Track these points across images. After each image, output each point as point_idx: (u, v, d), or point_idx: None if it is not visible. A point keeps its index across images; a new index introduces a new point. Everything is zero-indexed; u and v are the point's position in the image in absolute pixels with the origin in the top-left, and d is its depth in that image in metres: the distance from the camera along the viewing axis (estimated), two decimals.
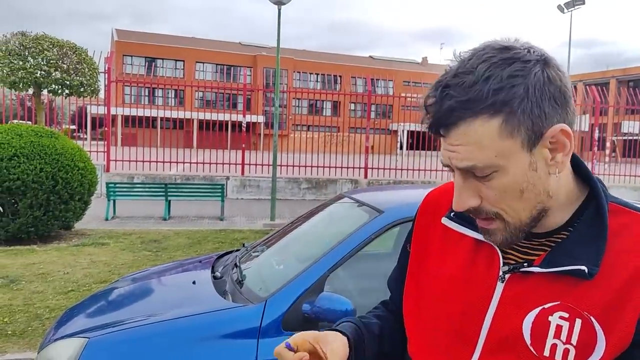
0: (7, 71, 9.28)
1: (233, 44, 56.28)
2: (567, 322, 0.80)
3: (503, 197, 0.81)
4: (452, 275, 0.94)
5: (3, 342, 4.13)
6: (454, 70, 0.79)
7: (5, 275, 5.71)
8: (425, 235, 1.03)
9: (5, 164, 6.81)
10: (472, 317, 0.89)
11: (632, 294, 0.78)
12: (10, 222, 7.03)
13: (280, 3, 9.63)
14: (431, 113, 0.79)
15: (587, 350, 0.78)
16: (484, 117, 0.76)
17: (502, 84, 0.75)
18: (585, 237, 0.83)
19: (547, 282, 0.83)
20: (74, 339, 2.40)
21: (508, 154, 0.78)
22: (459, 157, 0.80)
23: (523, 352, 0.82)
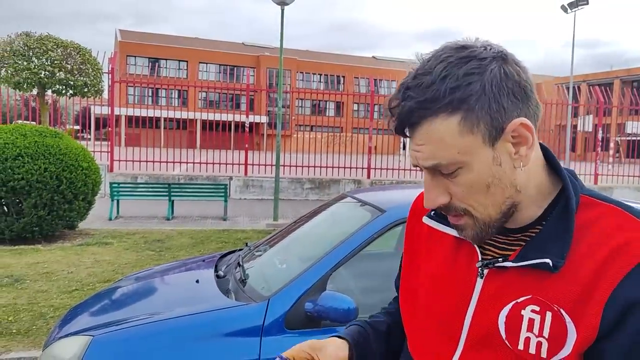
0: (11, 71, 9.31)
1: (236, 45, 56.36)
2: (539, 315, 0.81)
3: (470, 192, 0.82)
4: (436, 274, 0.96)
5: (8, 340, 4.16)
6: (414, 72, 0.80)
7: (10, 275, 5.75)
8: (413, 236, 1.06)
9: (9, 163, 6.85)
10: (455, 314, 0.90)
11: (597, 286, 0.77)
12: (15, 222, 7.07)
13: (284, 3, 9.65)
14: (395, 115, 0.81)
15: (559, 343, 0.79)
16: (443, 116, 0.78)
17: (458, 82, 0.76)
18: (555, 231, 0.83)
19: (520, 277, 0.84)
20: (79, 337, 2.42)
21: (470, 150, 0.79)
22: (424, 157, 0.81)
23: (500, 346, 0.84)
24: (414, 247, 1.06)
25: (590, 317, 0.77)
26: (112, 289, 3.24)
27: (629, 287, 0.75)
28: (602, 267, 0.78)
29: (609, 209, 0.84)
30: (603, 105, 14.52)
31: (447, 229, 0.95)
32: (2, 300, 4.98)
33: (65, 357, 2.35)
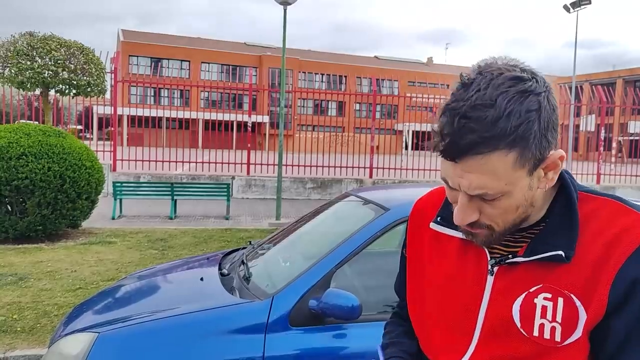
0: (15, 71, 9.33)
1: (239, 44, 56.39)
2: (551, 302, 0.87)
3: (503, 214, 0.87)
4: (446, 275, 1.01)
5: (12, 338, 4.18)
6: (470, 98, 0.80)
7: (14, 273, 5.77)
8: (418, 242, 1.11)
9: (13, 162, 6.88)
10: (468, 311, 0.96)
11: (603, 269, 0.85)
12: (19, 221, 7.09)
13: (286, 3, 9.66)
14: (448, 141, 0.81)
15: (571, 326, 0.86)
16: (503, 151, 0.80)
17: (521, 120, 0.79)
18: (560, 226, 0.90)
19: (530, 270, 0.90)
20: (85, 334, 2.44)
21: (516, 181, 0.84)
22: (472, 186, 0.84)
23: (515, 335, 0.89)
24: (420, 252, 1.10)
25: (598, 298, 0.84)
26: (116, 287, 3.26)
27: (632, 267, 0.83)
28: (606, 252, 0.86)
29: (605, 201, 0.92)
30: (605, 105, 14.50)
31: (453, 232, 1.00)
32: (6, 298, 5.01)
33: (72, 354, 2.37)
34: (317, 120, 19.44)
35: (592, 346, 0.88)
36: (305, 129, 20.67)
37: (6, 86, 10.49)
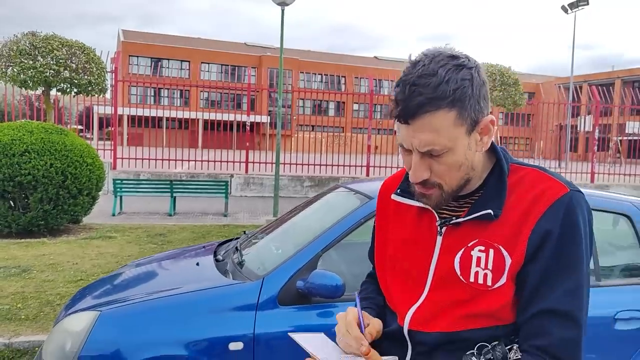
0: (17, 70, 9.51)
1: (238, 45, 56.56)
2: (484, 253, 1.07)
3: (448, 170, 1.05)
4: (405, 238, 1.21)
5: (16, 325, 4.36)
6: (418, 72, 1.00)
7: (18, 265, 5.95)
8: (384, 213, 1.30)
9: (17, 159, 7.05)
10: (422, 265, 1.15)
11: (524, 224, 1.05)
12: (22, 216, 7.26)
13: (284, 4, 9.83)
14: (401, 106, 1.00)
15: (499, 271, 1.06)
16: (444, 110, 0.99)
17: (457, 85, 0.99)
18: (493, 191, 1.10)
19: (470, 228, 1.09)
20: (87, 312, 2.61)
21: (457, 138, 1.02)
22: (422, 143, 1.02)
23: (456, 282, 1.09)
24: (384, 221, 1.29)
25: (519, 247, 1.04)
26: (117, 274, 3.43)
27: (545, 220, 1.03)
28: (527, 210, 1.05)
29: (530, 170, 1.12)
30: (600, 105, 14.66)
31: (411, 202, 1.18)
32: (10, 288, 5.18)
33: (76, 330, 2.54)
34: (316, 120, 19.57)
35: (517, 288, 1.06)
36: (305, 129, 20.83)
37: (8, 85, 10.66)
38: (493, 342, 1.07)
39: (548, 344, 1.03)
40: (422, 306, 1.14)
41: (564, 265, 1.03)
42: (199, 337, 2.49)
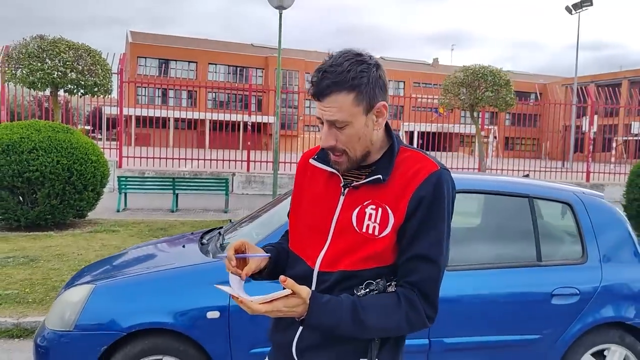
0: (26, 72, 9.94)
1: (245, 46, 57.01)
2: (375, 211, 1.42)
3: (349, 140, 1.40)
4: (315, 195, 1.54)
5: (24, 308, 4.75)
6: (329, 63, 1.37)
7: (26, 255, 6.35)
8: (302, 177, 1.62)
9: (25, 156, 7.45)
10: (326, 218, 1.48)
11: (406, 191, 1.40)
12: (30, 210, 7.67)
13: (281, 7, 10.19)
14: (315, 87, 1.36)
15: (384, 225, 1.41)
16: (345, 92, 1.34)
17: (355, 75, 1.35)
18: (384, 163, 1.45)
19: (365, 191, 1.44)
20: (84, 286, 2.98)
21: (355, 116, 1.37)
22: (329, 114, 1.37)
23: (352, 232, 1.43)
24: (301, 184, 1.62)
25: (401, 208, 1.40)
26: (113, 256, 3.81)
27: (421, 189, 1.39)
28: (408, 181, 1.41)
29: (413, 152, 1.49)
30: (594, 105, 14.87)
31: (325, 167, 1.51)
32: (19, 275, 5.58)
33: (74, 301, 2.91)
34: None
35: (397, 238, 1.40)
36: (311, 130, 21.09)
37: (18, 86, 11.11)
38: (377, 279, 1.41)
39: (416, 280, 1.39)
40: (328, 251, 1.45)
41: (431, 223, 1.39)
42: (182, 307, 2.85)
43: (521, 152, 24.71)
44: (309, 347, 1.46)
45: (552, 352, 3.09)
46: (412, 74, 53.45)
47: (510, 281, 3.12)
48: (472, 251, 3.36)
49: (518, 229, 3.36)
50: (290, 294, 1.31)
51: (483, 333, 3.04)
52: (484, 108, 13.52)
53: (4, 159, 7.35)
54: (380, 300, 1.38)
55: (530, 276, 3.14)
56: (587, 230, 3.23)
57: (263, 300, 1.30)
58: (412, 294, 1.38)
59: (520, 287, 3.11)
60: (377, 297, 1.39)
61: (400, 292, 1.39)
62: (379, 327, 1.37)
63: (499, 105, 12.53)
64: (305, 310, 1.33)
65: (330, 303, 1.35)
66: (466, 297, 3.05)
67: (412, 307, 1.37)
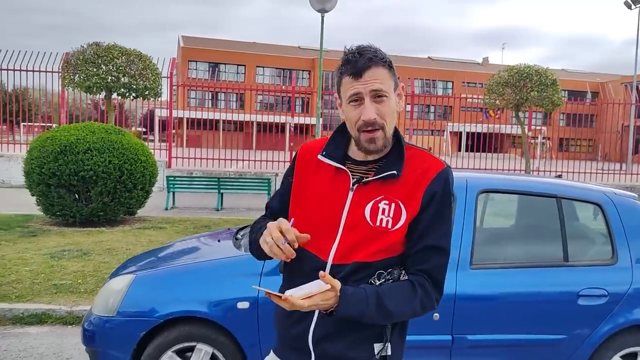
0: (83, 77, 10.58)
1: (292, 48, 57.63)
2: (388, 206, 1.50)
3: (388, 113, 1.48)
4: (323, 192, 1.57)
5: (77, 297, 5.09)
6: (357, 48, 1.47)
7: (79, 249, 6.77)
8: (304, 171, 1.63)
9: (80, 156, 7.92)
10: (335, 214, 1.53)
11: (418, 187, 1.50)
12: (84, 207, 8.15)
13: (323, 10, 10.35)
14: (353, 64, 1.45)
15: (397, 219, 1.50)
16: (382, 66, 1.46)
17: (384, 55, 1.48)
18: (395, 159, 1.53)
19: (376, 186, 1.52)
20: (126, 275, 3.22)
21: (390, 90, 1.48)
22: (372, 84, 1.44)
23: (365, 226, 1.50)
24: (305, 178, 1.62)
25: (415, 202, 1.49)
26: (155, 249, 4.05)
27: (433, 185, 1.50)
28: (420, 177, 1.51)
29: (418, 150, 1.59)
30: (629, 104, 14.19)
31: (332, 162, 1.55)
32: (73, 267, 5.97)
33: (117, 289, 3.15)
34: None
35: (409, 230, 1.49)
36: None
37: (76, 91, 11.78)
38: (388, 269, 1.50)
39: (428, 268, 1.50)
40: (340, 245, 1.50)
41: (441, 217, 1.51)
42: (214, 297, 3.03)
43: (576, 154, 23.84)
44: (325, 335, 1.51)
45: (578, 353, 3.08)
46: (460, 74, 52.50)
47: (536, 280, 3.13)
48: (498, 250, 3.39)
49: (545, 228, 3.36)
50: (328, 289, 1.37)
51: (507, 331, 3.06)
52: (530, 108, 13.20)
53: (62, 159, 7.84)
54: (399, 288, 1.48)
55: (556, 276, 3.14)
56: (617, 231, 3.19)
57: (306, 295, 1.36)
58: (424, 281, 1.50)
59: (546, 287, 3.11)
60: (396, 286, 1.48)
61: (415, 280, 1.49)
62: (399, 313, 1.48)
63: (545, 106, 12.20)
64: (336, 302, 1.39)
65: (357, 293, 1.42)
66: (491, 295, 3.09)
67: (426, 293, 1.49)
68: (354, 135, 1.52)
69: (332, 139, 1.61)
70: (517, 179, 3.67)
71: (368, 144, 1.49)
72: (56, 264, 6.09)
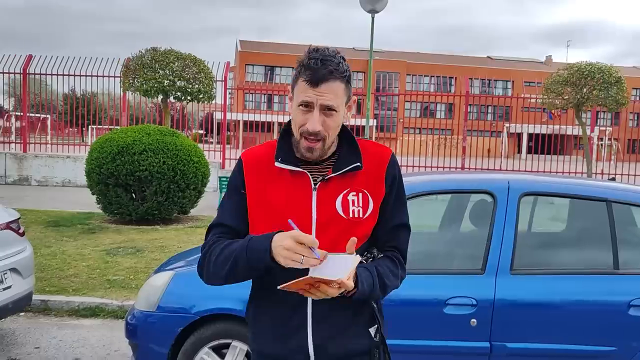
0: (141, 81, 11.06)
1: (347, 50, 57.69)
2: (356, 197, 1.54)
3: (332, 127, 1.51)
4: (286, 195, 1.54)
5: (128, 292, 5.31)
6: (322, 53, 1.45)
7: (134, 246, 7.05)
8: (258, 180, 1.57)
9: (137, 157, 8.25)
10: (304, 215, 1.51)
11: (378, 173, 1.57)
12: (140, 206, 8.48)
13: (374, 11, 10.30)
14: (314, 73, 1.43)
15: (365, 207, 1.54)
16: (339, 81, 1.46)
17: (346, 68, 1.50)
18: (350, 152, 1.57)
19: (338, 180, 1.54)
20: (166, 272, 3.32)
21: (340, 105, 1.49)
22: (326, 99, 1.45)
23: (339, 219, 1.53)
24: (258, 185, 1.56)
25: (380, 188, 1.57)
26: (196, 247, 4.15)
27: (390, 170, 1.59)
28: (376, 164, 1.58)
29: (362, 141, 1.62)
30: None
31: (289, 166, 1.53)
32: (126, 264, 6.23)
33: (157, 285, 3.25)
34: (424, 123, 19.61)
35: (380, 216, 1.56)
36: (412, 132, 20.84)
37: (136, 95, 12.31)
38: (365, 252, 1.55)
39: (398, 244, 1.63)
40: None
41: (402, 196, 1.63)
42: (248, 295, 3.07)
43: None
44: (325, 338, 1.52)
45: None
46: (521, 73, 50.77)
47: (583, 288, 2.97)
48: (542, 255, 3.24)
49: (594, 234, 3.19)
50: None
51: (550, 340, 2.92)
52: (592, 108, 12.56)
53: (119, 160, 8.20)
54: (386, 265, 1.56)
55: (605, 284, 2.97)
56: None
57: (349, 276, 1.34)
58: (397, 255, 1.62)
59: (593, 296, 2.95)
60: (383, 264, 1.55)
61: (392, 256, 1.60)
62: (391, 287, 1.57)
63: (609, 105, 11.56)
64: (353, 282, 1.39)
65: (365, 273, 1.46)
66: (533, 302, 2.96)
67: (402, 267, 1.62)
68: (296, 136, 1.53)
69: (281, 144, 1.58)
70: (564, 182, 3.49)
71: (305, 151, 1.51)
72: (111, 260, 6.37)
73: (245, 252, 1.44)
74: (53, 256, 6.48)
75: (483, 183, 3.45)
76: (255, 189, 1.57)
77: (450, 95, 17.42)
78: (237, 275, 1.50)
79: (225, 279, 1.53)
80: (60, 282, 5.56)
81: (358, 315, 1.56)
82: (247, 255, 1.43)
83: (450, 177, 4.03)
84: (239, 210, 1.58)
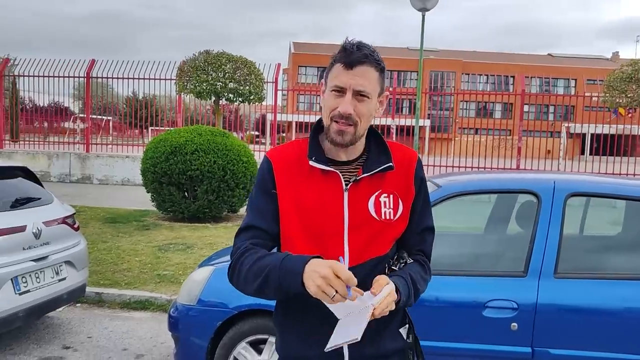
0: (194, 83, 11.40)
1: (401, 50, 57.11)
2: (387, 198, 1.53)
3: (364, 114, 1.48)
4: (317, 198, 1.51)
5: (177, 287, 5.47)
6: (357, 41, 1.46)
7: (184, 243, 7.28)
8: (287, 179, 1.53)
9: (189, 157, 8.50)
10: (337, 216, 1.50)
11: (407, 175, 1.58)
12: (191, 204, 8.73)
13: (424, 10, 10.15)
14: (349, 55, 1.43)
15: (396, 208, 1.53)
16: (374, 68, 1.46)
17: (380, 59, 1.49)
18: (379, 152, 1.56)
19: (370, 182, 1.52)
20: (207, 267, 3.42)
21: (374, 93, 1.48)
22: (359, 83, 1.43)
23: (371, 220, 1.51)
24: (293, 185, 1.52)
25: (410, 189, 1.57)
26: None
27: (417, 172, 1.60)
28: (405, 166, 1.58)
29: (390, 142, 1.60)
30: None
31: (322, 166, 1.49)
32: (176, 259, 6.43)
33: (198, 280, 3.35)
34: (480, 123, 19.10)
35: (410, 217, 1.57)
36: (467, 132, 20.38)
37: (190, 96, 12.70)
38: (395, 255, 1.57)
39: (425, 247, 1.64)
40: (350, 247, 1.48)
41: (428, 199, 1.64)
42: None
43: None
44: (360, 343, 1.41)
45: None
46: (586, 71, 48.46)
47: (633, 295, 2.81)
48: (590, 259, 3.09)
49: None
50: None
51: (598, 348, 2.79)
52: None
53: (172, 159, 8.48)
54: (417, 270, 1.57)
55: None
56: None
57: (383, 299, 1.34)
58: (426, 260, 1.63)
59: None
60: (413, 269, 1.56)
61: (421, 260, 1.61)
62: (421, 291, 1.58)
63: None
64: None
65: (402, 282, 1.47)
66: (579, 307, 2.83)
67: (430, 270, 1.63)
68: (326, 124, 1.49)
69: (312, 143, 1.55)
70: (615, 182, 3.31)
71: (336, 135, 1.46)
72: (162, 256, 6.60)
73: (277, 270, 1.36)
74: (108, 251, 6.79)
75: (527, 183, 3.33)
76: (287, 189, 1.52)
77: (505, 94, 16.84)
78: (268, 294, 1.44)
79: (254, 294, 1.47)
80: (114, 275, 5.81)
81: (391, 316, 1.48)
82: (278, 273, 1.36)
83: (495, 176, 3.91)
84: (271, 211, 1.52)
